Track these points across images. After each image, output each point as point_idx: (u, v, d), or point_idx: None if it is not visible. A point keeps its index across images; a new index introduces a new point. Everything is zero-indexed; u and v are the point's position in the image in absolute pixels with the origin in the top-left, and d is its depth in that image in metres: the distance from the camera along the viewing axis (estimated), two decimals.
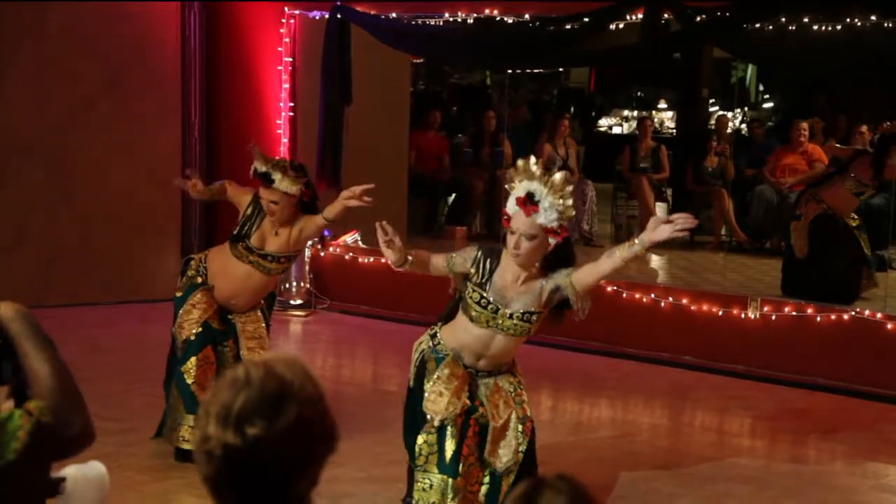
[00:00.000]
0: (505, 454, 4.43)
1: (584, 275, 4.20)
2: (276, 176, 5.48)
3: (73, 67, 8.89)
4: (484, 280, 4.32)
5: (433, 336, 4.54)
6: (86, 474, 2.42)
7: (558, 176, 4.13)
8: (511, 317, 4.30)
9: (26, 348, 2.19)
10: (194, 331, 5.61)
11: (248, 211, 5.65)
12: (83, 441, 2.20)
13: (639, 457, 5.99)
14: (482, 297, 4.32)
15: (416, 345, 4.60)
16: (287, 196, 5.53)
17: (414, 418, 4.50)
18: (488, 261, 4.34)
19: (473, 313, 4.35)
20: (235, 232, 5.68)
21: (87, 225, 9.08)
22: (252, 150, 5.57)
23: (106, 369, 7.06)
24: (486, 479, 4.46)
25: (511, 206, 4.19)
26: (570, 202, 4.14)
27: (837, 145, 9.55)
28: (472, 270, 4.35)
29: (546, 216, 4.12)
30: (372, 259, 9.04)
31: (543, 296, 4.28)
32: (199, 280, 5.74)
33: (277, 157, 5.75)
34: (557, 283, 4.25)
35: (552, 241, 4.17)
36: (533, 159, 4.20)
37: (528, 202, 4.12)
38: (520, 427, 4.44)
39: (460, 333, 4.44)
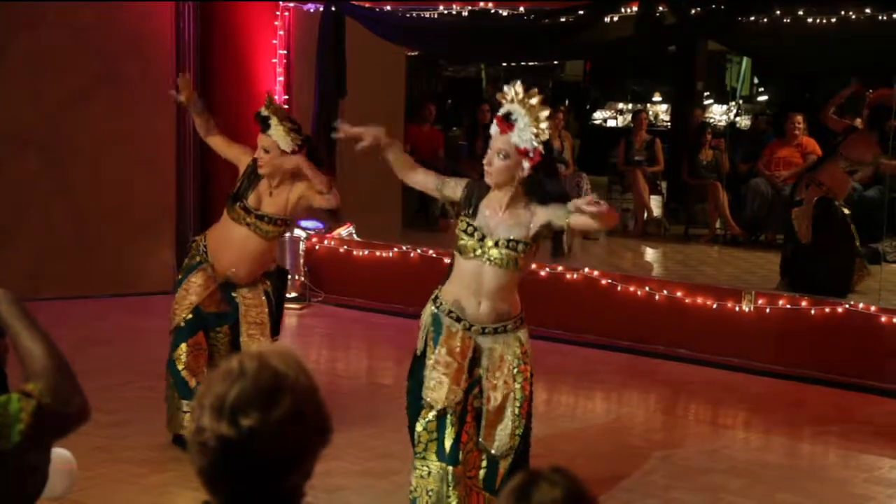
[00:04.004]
0: (500, 438, 4.44)
1: (584, 221, 4.28)
2: (273, 121, 5.49)
3: (68, 59, 8.87)
4: (471, 210, 4.39)
5: (434, 299, 4.54)
6: (54, 459, 2.44)
7: (535, 99, 4.23)
8: (497, 245, 4.32)
9: (18, 329, 2.19)
10: (184, 316, 5.61)
11: (248, 170, 5.64)
12: (82, 417, 2.21)
13: (633, 449, 6.00)
14: (468, 224, 4.37)
15: (423, 312, 4.61)
16: (278, 148, 5.51)
17: (419, 388, 4.50)
18: (475, 191, 4.41)
19: (461, 243, 4.39)
20: (233, 191, 5.68)
21: (82, 217, 9.06)
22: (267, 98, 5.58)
23: (100, 362, 7.05)
24: (484, 463, 4.47)
25: (493, 127, 4.31)
26: (544, 126, 4.24)
27: (834, 116, 9.44)
28: (462, 202, 4.42)
29: (520, 136, 4.22)
30: (366, 252, 9.04)
31: (532, 228, 4.33)
32: (198, 259, 5.73)
33: (283, 108, 5.75)
34: (549, 218, 4.31)
35: (525, 164, 4.25)
36: (518, 84, 4.29)
37: (505, 121, 4.23)
38: (517, 409, 4.44)
39: (455, 279, 4.45)
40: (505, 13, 8.36)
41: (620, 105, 18.65)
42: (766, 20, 7.68)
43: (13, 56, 8.74)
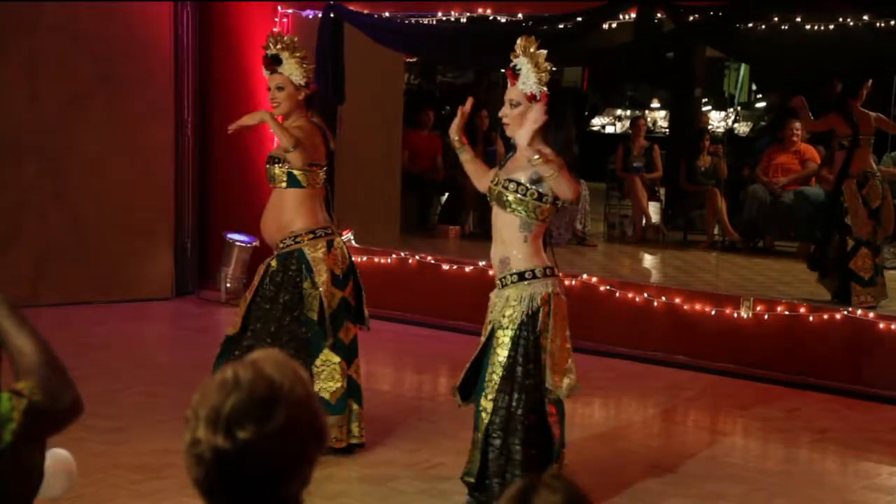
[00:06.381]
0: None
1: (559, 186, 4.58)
2: (285, 55, 5.46)
3: (66, 65, 8.86)
4: (502, 165, 4.84)
5: None
6: (53, 460, 2.42)
7: (533, 47, 4.60)
8: (503, 185, 4.67)
9: (6, 326, 2.17)
10: None
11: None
12: (74, 412, 2.19)
13: (631, 456, 6.00)
14: (495, 175, 4.79)
15: None
16: (292, 84, 5.49)
17: None
18: (511, 151, 4.83)
19: (489, 189, 4.76)
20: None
21: (79, 223, 9.04)
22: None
23: (98, 368, 7.04)
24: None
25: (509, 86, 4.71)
26: (546, 66, 4.60)
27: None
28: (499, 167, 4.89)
29: (525, 82, 4.59)
30: (364, 258, 9.03)
31: (528, 172, 4.63)
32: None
33: (292, 38, 5.66)
34: (540, 172, 4.57)
35: (536, 108, 4.60)
36: (522, 38, 4.66)
37: (513, 73, 4.65)
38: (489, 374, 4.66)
39: None
40: (503, 20, 8.36)
41: (619, 111, 18.65)
42: (763, 27, 7.68)
43: (11, 61, 8.73)
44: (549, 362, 4.67)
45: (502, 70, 4.79)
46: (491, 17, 8.41)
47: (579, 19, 7.80)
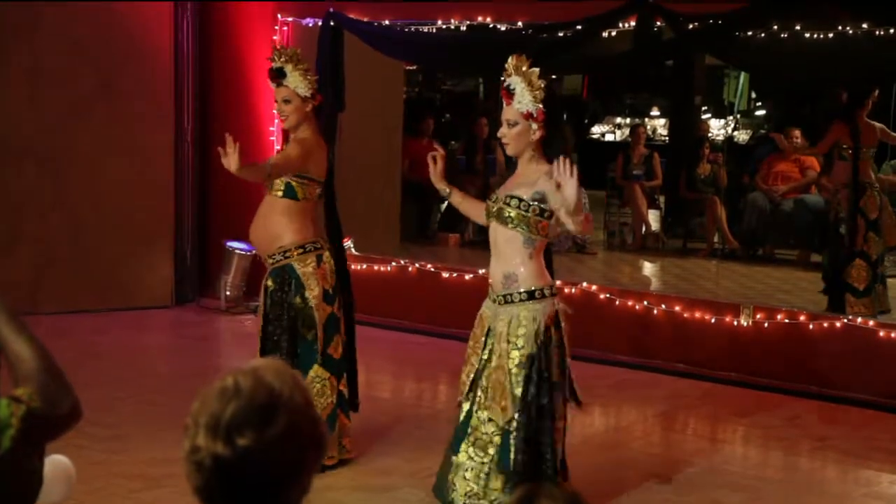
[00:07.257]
0: (493, 409, 4.62)
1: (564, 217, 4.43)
2: (289, 69, 5.47)
3: (66, 70, 8.86)
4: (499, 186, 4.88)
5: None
6: (53, 466, 2.42)
7: (526, 65, 4.57)
8: (504, 201, 4.64)
9: (5, 333, 2.17)
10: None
11: None
12: (73, 417, 2.19)
13: (631, 464, 5.99)
14: (493, 193, 4.82)
15: None
16: (297, 96, 5.49)
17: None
18: (509, 170, 4.87)
19: (487, 207, 4.76)
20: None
21: (79, 230, 9.04)
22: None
23: (98, 377, 7.03)
24: (497, 440, 4.62)
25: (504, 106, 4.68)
26: (539, 83, 4.54)
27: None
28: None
29: (520, 101, 4.55)
30: (364, 266, 9.04)
31: (532, 189, 4.59)
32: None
33: (295, 49, 5.67)
34: (547, 190, 4.52)
35: (534, 126, 4.58)
36: (512, 57, 4.61)
37: (507, 92, 4.60)
38: (509, 385, 4.59)
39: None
40: (503, 28, 8.37)
41: (618, 119, 18.66)
42: (763, 35, 7.69)
43: (11, 67, 8.74)
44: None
45: (502, 78, 4.71)
46: (491, 26, 8.41)
47: (579, 27, 7.80)
